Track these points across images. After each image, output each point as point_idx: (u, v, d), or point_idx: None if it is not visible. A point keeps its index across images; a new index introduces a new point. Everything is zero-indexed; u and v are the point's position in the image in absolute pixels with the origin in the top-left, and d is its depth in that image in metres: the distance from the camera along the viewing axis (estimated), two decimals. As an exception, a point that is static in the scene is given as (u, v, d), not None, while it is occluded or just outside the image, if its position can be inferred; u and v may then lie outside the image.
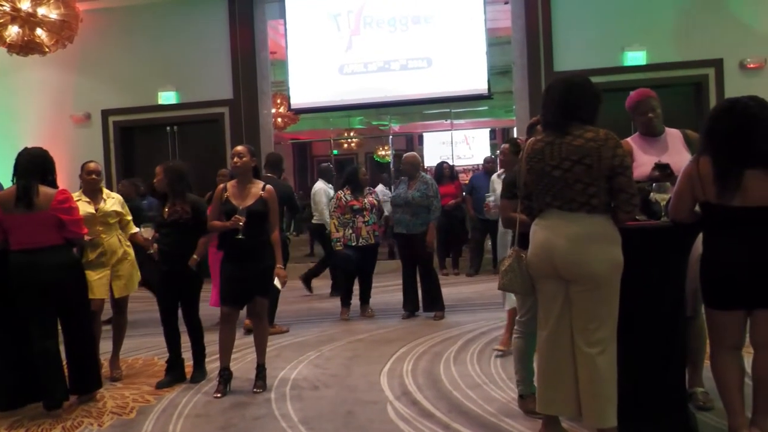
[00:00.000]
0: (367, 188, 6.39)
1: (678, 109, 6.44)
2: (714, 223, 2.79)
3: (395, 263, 6.75)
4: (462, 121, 15.11)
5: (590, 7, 8.22)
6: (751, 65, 7.79)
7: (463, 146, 15.60)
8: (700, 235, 2.96)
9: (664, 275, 2.92)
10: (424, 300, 6.15)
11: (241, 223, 3.94)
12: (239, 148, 4.16)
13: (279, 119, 11.80)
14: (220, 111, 9.25)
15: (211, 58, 9.23)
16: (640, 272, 2.83)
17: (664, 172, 3.21)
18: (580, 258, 2.70)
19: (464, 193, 8.86)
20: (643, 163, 3.40)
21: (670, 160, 3.28)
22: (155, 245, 4.37)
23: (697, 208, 2.84)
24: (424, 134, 16.24)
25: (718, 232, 2.78)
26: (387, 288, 7.49)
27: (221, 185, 4.22)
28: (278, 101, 11.50)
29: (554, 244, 2.76)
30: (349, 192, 6.18)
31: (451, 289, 7.40)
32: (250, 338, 4.27)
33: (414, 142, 16.99)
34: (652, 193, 3.07)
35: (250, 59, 9.19)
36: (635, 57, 8.10)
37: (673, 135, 3.51)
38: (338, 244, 6.10)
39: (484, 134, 16.14)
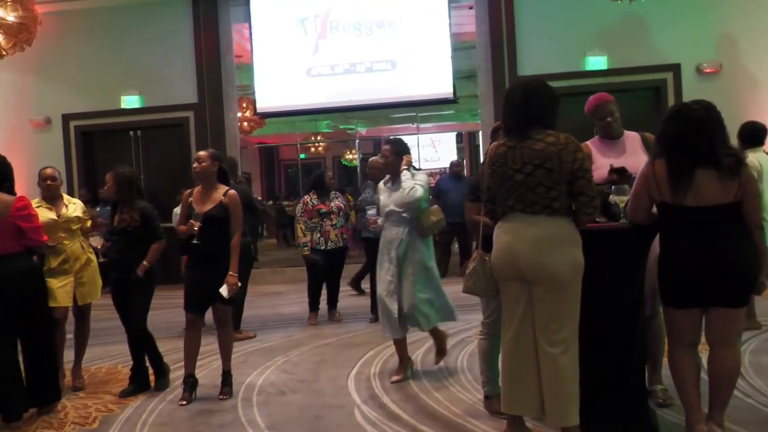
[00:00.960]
0: (334, 192, 6.39)
1: (638, 113, 6.58)
2: (670, 223, 2.87)
3: (357, 267, 6.76)
4: (428, 125, 15.19)
5: (553, 13, 8.36)
6: (707, 70, 8.01)
7: (429, 150, 15.71)
8: (658, 236, 3.04)
9: (624, 275, 2.99)
10: (391, 303, 6.15)
11: (195, 228, 3.90)
12: (200, 153, 4.13)
13: (245, 123, 11.72)
14: (184, 115, 9.15)
15: (175, 61, 9.12)
16: (600, 273, 2.89)
17: (622, 175, 3.30)
18: (542, 260, 2.75)
19: (431, 197, 8.90)
20: (602, 165, 3.48)
21: (628, 162, 3.36)
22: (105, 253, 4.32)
23: (654, 209, 2.92)
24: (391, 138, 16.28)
25: (674, 232, 2.86)
26: (353, 291, 7.49)
27: (188, 190, 4.19)
28: (244, 105, 11.42)
29: (517, 246, 2.80)
30: (315, 196, 6.18)
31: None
32: (216, 344, 4.23)
33: (381, 146, 17.01)
34: (611, 196, 3.15)
35: (215, 63, 9.12)
36: (596, 62, 8.27)
37: (632, 138, 3.60)
38: (305, 249, 6.09)
39: (450, 138, 16.27)
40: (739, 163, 2.77)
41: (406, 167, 4.22)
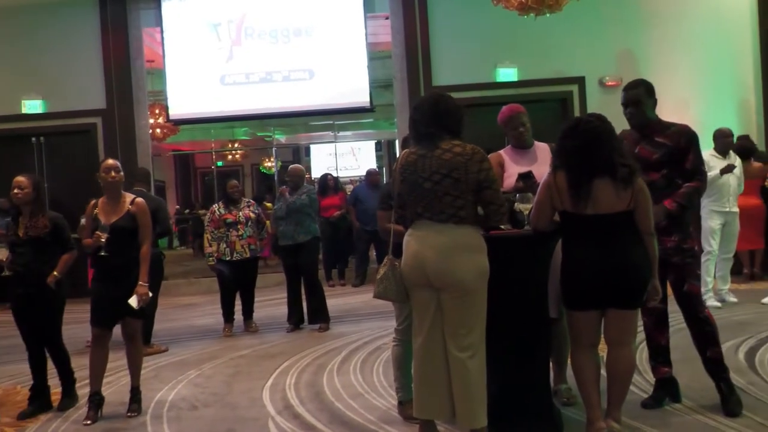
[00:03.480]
0: (246, 200, 6.30)
1: (546, 123, 6.84)
2: (570, 230, 3.01)
3: (280, 276, 6.70)
4: (347, 133, 15.26)
5: (465, 25, 8.58)
6: (609, 83, 8.44)
7: (349, 158, 15.78)
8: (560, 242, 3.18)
9: (528, 280, 3.11)
10: (309, 312, 6.14)
11: (102, 240, 3.76)
12: (111, 162, 3.98)
13: (158, 130, 11.37)
14: (92, 121, 8.76)
15: (81, 65, 8.73)
16: (506, 278, 3.00)
17: (527, 182, 3.44)
18: (449, 267, 2.82)
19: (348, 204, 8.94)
20: (513, 173, 3.63)
21: (538, 171, 3.50)
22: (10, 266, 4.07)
23: (556, 216, 3.05)
24: (311, 146, 16.26)
25: (574, 238, 3.00)
26: (272, 301, 7.41)
27: (93, 201, 4.02)
28: (157, 111, 11.09)
29: (425, 254, 2.86)
30: (222, 206, 6.07)
31: (338, 300, 7.44)
32: (125, 360, 4.07)
33: (301, 153, 16.97)
34: (516, 204, 3.27)
35: (125, 67, 8.78)
36: (507, 74, 8.55)
37: (542, 148, 3.76)
38: (211, 259, 5.98)
39: (370, 146, 16.40)
40: (632, 174, 2.94)
41: None
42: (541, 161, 3.64)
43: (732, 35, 8.47)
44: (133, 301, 3.79)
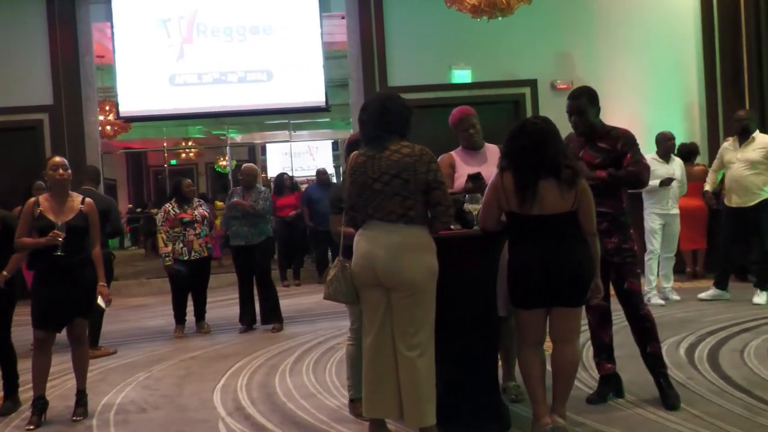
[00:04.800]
0: (198, 199, 6.21)
1: (499, 125, 6.96)
2: (517, 230, 3.08)
3: (233, 276, 6.64)
4: (303, 132, 15.17)
5: (421, 27, 8.65)
6: (560, 86, 8.63)
7: (306, 157, 15.69)
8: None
9: (477, 279, 3.16)
10: (261, 312, 6.10)
11: (60, 239, 3.67)
12: (58, 159, 3.87)
13: (108, 127, 11.11)
14: (38, 117, 8.52)
15: (27, 60, 8.47)
16: (455, 277, 3.05)
17: (476, 183, 3.50)
18: (398, 266, 2.85)
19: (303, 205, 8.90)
20: (464, 174, 3.69)
21: (488, 173, 3.56)
22: None
23: (503, 217, 3.11)
24: (268, 145, 16.11)
25: (520, 238, 3.07)
26: (224, 302, 7.33)
27: (32, 199, 3.90)
28: (107, 108, 10.83)
29: (375, 253, 2.89)
30: (176, 205, 5.98)
31: (292, 300, 7.41)
32: (70, 363, 3.97)
33: (257, 152, 16.80)
34: (465, 204, 3.32)
35: (73, 63, 8.57)
36: (461, 75, 8.66)
37: (492, 149, 3.83)
38: (168, 259, 5.88)
39: (327, 145, 16.35)
40: (576, 175, 3.02)
41: None
42: (491, 162, 3.69)
43: (677, 41, 8.76)
44: (100, 302, 3.77)
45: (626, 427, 3.21)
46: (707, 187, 6.27)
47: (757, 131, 6.01)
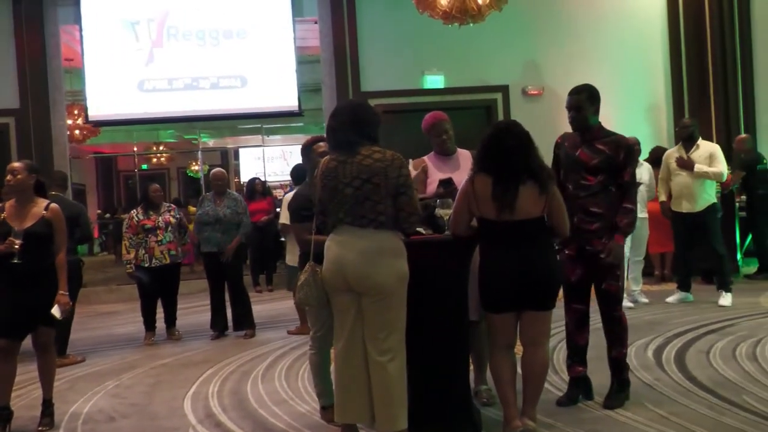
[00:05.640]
0: (167, 205, 6.13)
1: (472, 130, 7.01)
2: (487, 235, 3.10)
3: (205, 282, 6.58)
4: (276, 137, 15.10)
5: (394, 32, 8.68)
6: (531, 92, 8.74)
7: (280, 162, 15.60)
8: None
9: (448, 283, 3.18)
10: (234, 319, 6.05)
11: (16, 246, 3.60)
12: (15, 164, 3.81)
13: (77, 131, 10.95)
14: (4, 121, 8.35)
15: (-7, 62, 8.33)
16: (426, 281, 3.07)
17: (447, 188, 3.52)
18: (369, 271, 2.86)
19: (278, 210, 8.85)
20: (436, 180, 3.70)
21: (460, 178, 3.59)
22: None
23: (474, 222, 3.14)
24: (241, 149, 16.00)
25: (491, 243, 3.10)
26: (196, 308, 7.25)
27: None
28: (75, 112, 10.67)
29: (345, 258, 2.89)
30: (142, 211, 5.90)
31: (265, 306, 7.37)
32: (36, 372, 3.89)
33: (230, 157, 16.68)
34: (436, 209, 3.35)
35: (41, 66, 8.42)
36: (434, 81, 8.71)
37: (464, 155, 3.85)
38: (129, 266, 5.80)
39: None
40: (550, 178, 3.06)
41: None
42: (464, 168, 3.72)
43: (645, 48, 8.93)
44: (55, 311, 3.66)
45: (595, 429, 3.25)
46: (663, 197, 6.33)
47: (700, 138, 6.20)
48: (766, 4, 8.62)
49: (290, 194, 6.12)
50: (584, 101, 3.56)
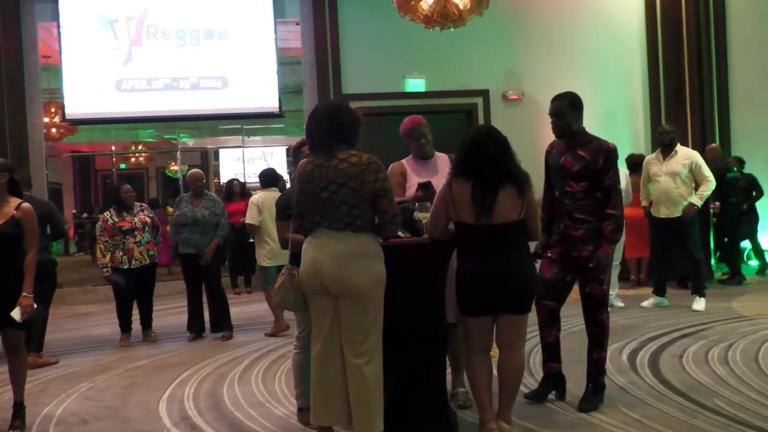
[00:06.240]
0: (139, 205, 6.05)
1: (452, 134, 7.04)
2: (465, 239, 3.12)
3: (182, 284, 6.52)
4: (257, 138, 15.03)
5: (376, 35, 8.69)
6: (512, 97, 8.80)
7: (261, 163, 15.51)
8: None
9: (426, 287, 3.19)
10: (211, 320, 6.01)
11: None
12: None
13: (53, 130, 10.80)
14: (-22, 119, 8.23)
15: (-33, 59, 8.19)
16: (404, 284, 3.07)
17: (426, 191, 3.54)
18: (345, 274, 2.86)
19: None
20: (415, 184, 3.72)
21: (438, 182, 3.60)
22: None
23: (451, 225, 3.15)
24: (221, 150, 15.89)
25: (468, 247, 3.11)
26: (173, 310, 7.19)
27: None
28: (53, 110, 10.53)
29: (322, 261, 2.89)
30: (115, 213, 5.84)
31: (243, 307, 7.33)
32: (7, 375, 3.83)
33: (209, 157, 16.55)
34: (415, 212, 3.36)
35: (17, 63, 8.29)
36: (415, 84, 8.73)
37: (442, 159, 3.88)
38: (105, 270, 5.72)
39: (280, 151, 16.21)
40: (527, 183, 3.09)
41: None
42: (442, 172, 3.74)
43: (624, 56, 9.04)
44: (15, 314, 3.58)
45: (568, 431, 3.28)
46: (644, 202, 6.45)
47: (679, 144, 6.31)
48: (741, 13, 8.79)
49: (257, 196, 6.18)
50: (565, 107, 3.61)
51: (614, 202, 3.52)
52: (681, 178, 6.07)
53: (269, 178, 6.40)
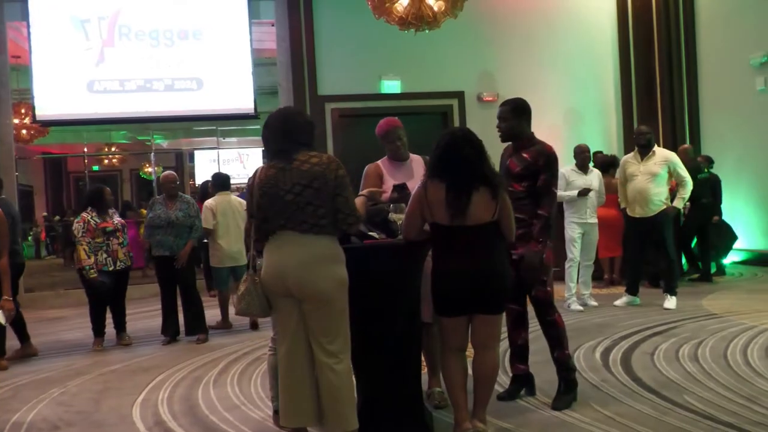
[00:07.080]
0: (111, 209, 5.98)
1: (427, 135, 7.07)
2: (440, 240, 3.14)
3: (156, 287, 6.46)
4: (232, 140, 14.92)
5: (351, 36, 8.71)
6: (486, 98, 8.89)
7: (236, 164, 15.39)
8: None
9: (401, 287, 3.21)
10: (186, 323, 5.96)
11: None
12: None
13: (23, 131, 10.61)
14: (-54, 120, 8.08)
15: (-67, 59, 8.03)
16: (379, 285, 3.08)
17: (401, 193, 3.56)
18: (308, 278, 2.87)
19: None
20: (390, 185, 3.73)
21: (413, 184, 3.62)
22: None
23: (426, 226, 3.17)
24: (195, 151, 15.74)
25: (443, 248, 3.13)
26: (147, 313, 7.12)
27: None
28: (23, 111, 10.34)
29: (285, 264, 2.90)
30: (95, 214, 5.77)
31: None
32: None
33: (184, 159, 16.39)
34: (390, 213, 3.37)
35: (-15, 62, 8.18)
36: (391, 86, 8.78)
37: (417, 160, 3.91)
38: (92, 271, 5.63)
39: (256, 153, 16.11)
40: (501, 185, 3.12)
41: None
42: (417, 174, 3.78)
43: (596, 58, 9.19)
44: (0, 317, 3.56)
45: (542, 429, 3.32)
46: (624, 203, 6.47)
47: (656, 145, 6.39)
48: (710, 17, 8.97)
49: (210, 200, 6.21)
50: (507, 113, 3.71)
51: (545, 204, 3.58)
52: (658, 179, 6.14)
53: (222, 183, 6.51)
